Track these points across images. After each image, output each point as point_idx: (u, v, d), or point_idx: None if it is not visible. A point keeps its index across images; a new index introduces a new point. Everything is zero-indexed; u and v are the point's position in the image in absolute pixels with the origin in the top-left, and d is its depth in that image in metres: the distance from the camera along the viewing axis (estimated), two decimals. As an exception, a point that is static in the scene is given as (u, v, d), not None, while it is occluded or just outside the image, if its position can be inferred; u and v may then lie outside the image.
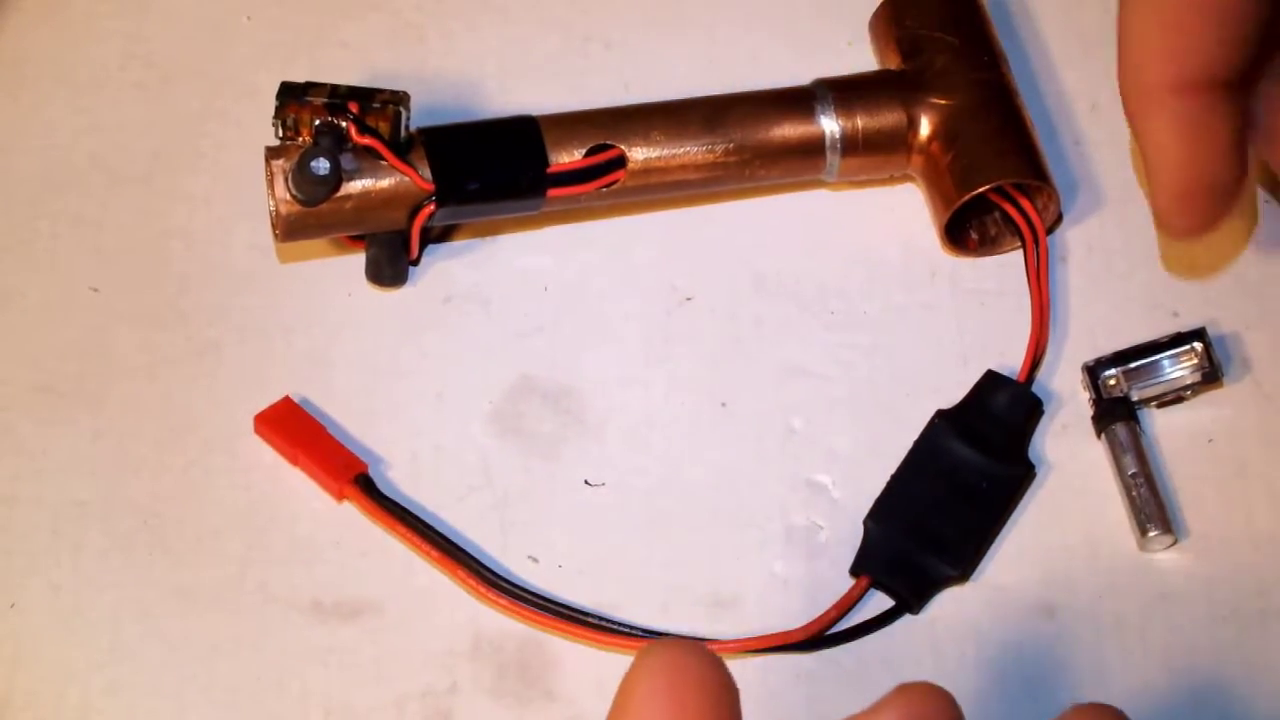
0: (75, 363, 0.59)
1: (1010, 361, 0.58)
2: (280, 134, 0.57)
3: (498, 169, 0.58)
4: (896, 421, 0.57)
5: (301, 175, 0.55)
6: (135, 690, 0.54)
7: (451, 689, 0.54)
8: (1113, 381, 0.57)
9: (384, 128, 0.57)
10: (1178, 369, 0.57)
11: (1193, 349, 0.56)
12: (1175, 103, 0.52)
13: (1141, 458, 0.56)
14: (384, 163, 0.57)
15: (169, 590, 0.55)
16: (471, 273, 0.61)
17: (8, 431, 0.58)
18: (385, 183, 0.57)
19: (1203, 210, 0.53)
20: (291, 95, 0.57)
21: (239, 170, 0.62)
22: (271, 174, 0.56)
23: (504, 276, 0.61)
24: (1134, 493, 0.55)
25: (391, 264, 0.59)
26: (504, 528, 0.56)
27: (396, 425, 0.58)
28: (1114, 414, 0.56)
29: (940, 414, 0.57)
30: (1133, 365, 0.57)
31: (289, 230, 0.57)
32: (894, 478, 0.56)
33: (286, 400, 0.58)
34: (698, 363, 0.59)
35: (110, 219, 0.61)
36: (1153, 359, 0.57)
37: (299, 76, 0.58)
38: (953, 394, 0.58)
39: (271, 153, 0.57)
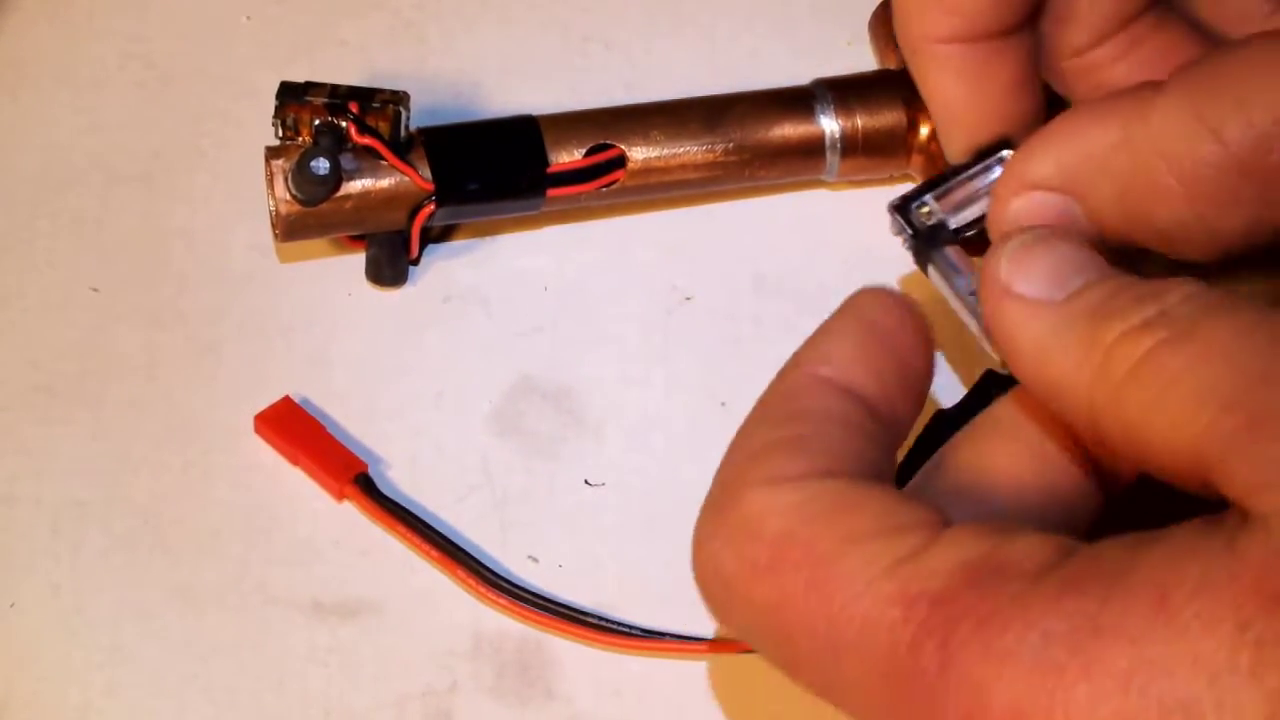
0: (75, 363, 0.59)
1: (1010, 361, 0.58)
2: (280, 134, 0.57)
3: (498, 169, 0.58)
4: (896, 421, 0.57)
5: (301, 175, 0.55)
6: (135, 690, 0.54)
7: (451, 689, 0.54)
8: (925, 210, 0.49)
9: (384, 128, 0.57)
10: (991, 178, 0.49)
11: (1001, 158, 0.49)
12: (949, 52, 0.50)
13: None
14: (384, 163, 0.57)
15: (169, 590, 0.55)
16: (471, 273, 0.61)
17: (8, 431, 0.58)
18: (385, 183, 0.57)
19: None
20: (291, 95, 0.57)
21: (239, 170, 0.62)
22: (271, 174, 0.56)
23: (504, 276, 0.61)
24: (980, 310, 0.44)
25: (391, 264, 0.59)
26: (504, 528, 0.56)
27: (396, 425, 0.58)
28: (935, 239, 0.48)
29: (940, 414, 0.57)
30: (944, 188, 0.49)
31: (289, 230, 0.57)
32: (894, 478, 0.56)
33: (286, 400, 0.58)
34: (697, 362, 0.59)
35: (110, 219, 0.61)
36: (964, 177, 0.49)
37: (299, 76, 0.58)
38: (953, 394, 0.57)
39: (271, 153, 0.57)
